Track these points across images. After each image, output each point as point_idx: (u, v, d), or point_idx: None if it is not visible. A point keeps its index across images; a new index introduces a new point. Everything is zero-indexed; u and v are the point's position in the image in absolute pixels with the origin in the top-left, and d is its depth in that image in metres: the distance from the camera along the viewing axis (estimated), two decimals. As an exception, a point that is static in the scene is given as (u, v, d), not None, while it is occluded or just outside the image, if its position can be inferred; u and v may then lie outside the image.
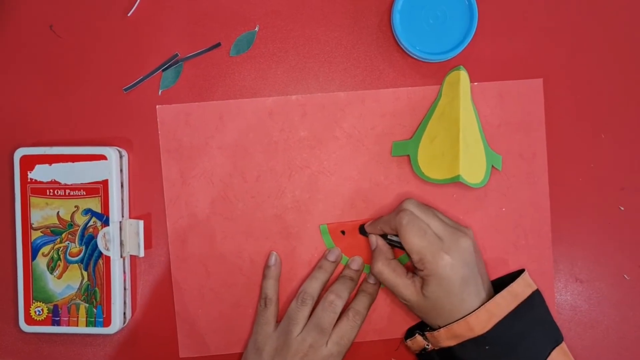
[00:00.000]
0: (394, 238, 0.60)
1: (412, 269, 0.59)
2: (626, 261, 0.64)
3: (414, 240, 0.56)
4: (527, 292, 0.57)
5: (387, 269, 0.58)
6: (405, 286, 0.57)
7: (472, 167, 0.59)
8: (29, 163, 0.60)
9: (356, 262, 0.62)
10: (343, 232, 0.63)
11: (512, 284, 0.57)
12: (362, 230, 0.62)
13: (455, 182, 0.59)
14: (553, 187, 0.63)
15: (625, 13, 0.63)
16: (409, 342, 0.61)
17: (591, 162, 0.64)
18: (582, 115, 0.64)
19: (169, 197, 0.63)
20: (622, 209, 0.64)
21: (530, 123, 0.63)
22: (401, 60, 0.63)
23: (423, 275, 0.56)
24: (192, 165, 0.63)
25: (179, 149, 0.63)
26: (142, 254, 0.61)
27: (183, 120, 0.63)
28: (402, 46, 0.61)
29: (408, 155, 0.62)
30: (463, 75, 0.61)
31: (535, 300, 0.58)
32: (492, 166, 0.62)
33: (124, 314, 0.61)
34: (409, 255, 0.57)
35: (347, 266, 0.63)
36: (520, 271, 0.60)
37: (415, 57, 0.61)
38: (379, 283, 0.63)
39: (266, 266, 0.62)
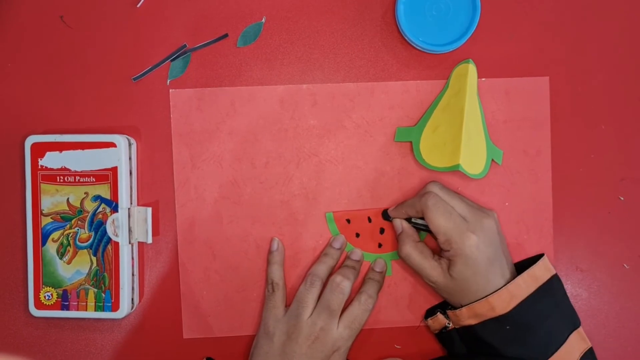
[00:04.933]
0: (419, 221, 0.61)
1: (437, 251, 0.60)
2: (626, 250, 0.65)
3: (440, 221, 0.57)
4: (547, 276, 0.58)
5: (415, 252, 0.59)
6: (433, 268, 0.58)
7: (473, 158, 0.61)
8: (39, 150, 0.61)
9: (356, 254, 0.63)
10: (348, 221, 0.64)
11: (532, 267, 0.58)
12: (386, 215, 0.63)
13: (455, 170, 0.60)
14: (555, 179, 0.64)
15: (631, 13, 0.64)
16: (429, 321, 0.62)
17: (591, 153, 0.65)
18: (583, 110, 0.64)
19: (178, 180, 0.64)
20: (622, 199, 0.65)
21: (536, 120, 0.64)
22: (405, 52, 0.64)
23: (449, 255, 0.57)
24: (202, 149, 0.64)
25: (190, 133, 0.64)
26: (150, 241, 0.62)
27: (195, 105, 0.64)
28: (405, 37, 0.62)
29: (410, 142, 0.63)
30: (471, 68, 0.62)
31: (554, 285, 0.59)
32: (492, 160, 0.63)
33: (132, 299, 0.62)
34: (434, 237, 0.58)
35: (347, 257, 0.64)
36: (540, 255, 0.61)
37: (419, 48, 0.62)
38: (385, 272, 0.64)
39: (269, 252, 0.64)
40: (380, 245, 0.64)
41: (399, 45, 0.64)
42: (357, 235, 0.64)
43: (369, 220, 0.64)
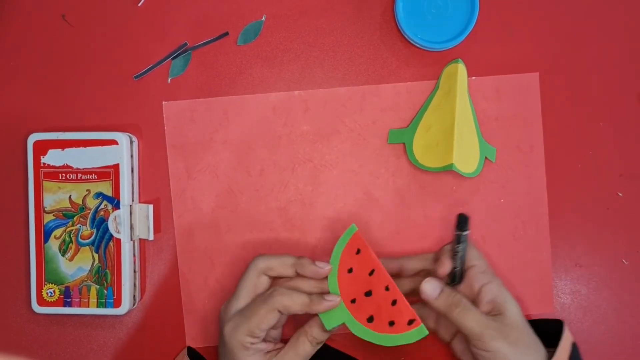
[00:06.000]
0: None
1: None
2: (625, 246, 0.65)
3: (479, 254, 0.59)
4: (570, 345, 0.58)
5: (473, 312, 0.55)
6: (488, 323, 0.54)
7: (466, 157, 0.61)
8: (42, 148, 0.61)
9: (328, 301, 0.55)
10: (358, 251, 0.57)
11: (560, 347, 0.56)
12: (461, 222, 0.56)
13: (448, 170, 0.60)
14: (552, 177, 0.64)
15: (618, 6, 0.65)
16: None
17: (590, 150, 0.65)
18: (578, 106, 0.65)
19: (175, 191, 0.64)
20: (621, 195, 0.65)
21: (527, 116, 0.65)
22: (404, 49, 0.64)
23: (496, 295, 0.56)
24: (197, 160, 0.64)
25: (185, 144, 0.64)
26: (151, 237, 0.62)
27: (188, 116, 0.64)
28: (404, 35, 0.63)
29: (404, 144, 0.64)
30: (460, 67, 0.62)
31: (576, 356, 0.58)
32: (486, 157, 0.63)
33: (134, 296, 0.62)
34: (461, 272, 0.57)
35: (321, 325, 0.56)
36: (559, 322, 0.60)
37: (418, 45, 0.63)
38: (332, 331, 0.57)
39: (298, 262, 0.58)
40: (353, 301, 0.56)
41: (398, 42, 0.64)
42: (350, 270, 0.57)
43: (371, 272, 0.56)
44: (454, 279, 0.58)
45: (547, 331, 0.58)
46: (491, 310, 0.56)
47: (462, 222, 0.55)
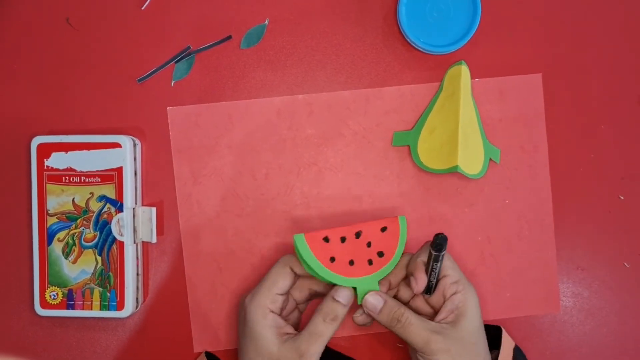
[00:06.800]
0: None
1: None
2: (626, 249, 0.65)
3: (450, 262, 0.57)
4: (511, 349, 0.59)
5: (420, 320, 0.55)
6: (430, 326, 0.55)
7: (470, 158, 0.61)
8: (45, 151, 0.62)
9: (343, 295, 0.56)
10: (326, 239, 0.57)
11: (501, 351, 0.58)
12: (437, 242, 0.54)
13: (453, 172, 0.60)
14: (555, 178, 0.65)
15: (619, 7, 0.65)
16: None
17: (591, 153, 0.65)
18: (581, 108, 0.65)
19: (180, 195, 0.64)
20: (622, 198, 0.65)
21: (531, 117, 0.65)
22: (406, 53, 0.65)
23: (457, 303, 0.56)
24: (202, 164, 0.64)
25: (190, 149, 0.64)
26: (154, 240, 0.62)
27: (193, 121, 0.64)
28: (407, 38, 0.63)
29: (408, 146, 0.64)
30: (464, 69, 0.63)
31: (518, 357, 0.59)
32: (490, 159, 0.64)
33: (137, 298, 0.62)
34: (436, 280, 0.57)
35: (331, 297, 0.56)
36: (497, 328, 0.62)
37: (420, 49, 0.63)
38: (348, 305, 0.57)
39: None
40: (351, 263, 0.57)
41: (400, 46, 0.65)
42: (332, 259, 0.57)
43: (342, 240, 0.57)
44: (428, 290, 0.58)
45: (495, 336, 0.60)
46: (447, 318, 0.56)
47: (440, 242, 0.55)
